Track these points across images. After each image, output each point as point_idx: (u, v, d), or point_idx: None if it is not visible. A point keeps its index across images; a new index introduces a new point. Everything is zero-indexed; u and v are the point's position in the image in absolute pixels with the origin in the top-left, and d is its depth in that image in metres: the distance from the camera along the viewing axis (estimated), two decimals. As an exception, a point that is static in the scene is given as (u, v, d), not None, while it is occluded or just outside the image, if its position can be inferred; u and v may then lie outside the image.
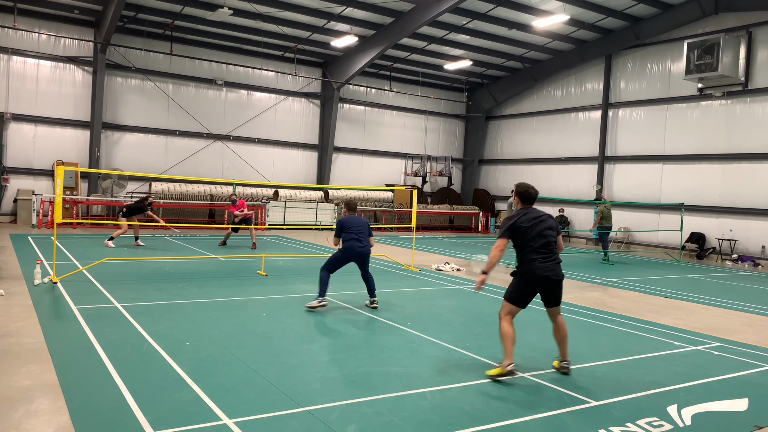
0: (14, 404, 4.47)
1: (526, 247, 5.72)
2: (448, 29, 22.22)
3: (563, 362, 5.90)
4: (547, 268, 5.70)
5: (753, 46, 18.96)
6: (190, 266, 12.04)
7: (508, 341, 5.66)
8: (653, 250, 21.24)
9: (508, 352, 5.65)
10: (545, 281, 5.73)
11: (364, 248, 8.59)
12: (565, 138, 25.52)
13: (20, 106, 20.16)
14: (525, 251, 5.73)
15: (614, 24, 22.11)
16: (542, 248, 5.71)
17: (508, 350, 5.66)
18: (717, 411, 5.08)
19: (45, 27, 20.23)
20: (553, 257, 5.78)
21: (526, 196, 5.92)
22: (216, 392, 4.87)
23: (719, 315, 9.62)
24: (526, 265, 5.73)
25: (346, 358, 6.14)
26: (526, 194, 5.92)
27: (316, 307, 8.25)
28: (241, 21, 21.14)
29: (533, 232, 5.70)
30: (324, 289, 8.37)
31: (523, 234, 5.72)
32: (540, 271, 5.67)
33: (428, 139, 29.40)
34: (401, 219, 25.53)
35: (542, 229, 5.75)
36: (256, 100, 24.66)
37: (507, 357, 5.64)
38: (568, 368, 5.87)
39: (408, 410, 4.72)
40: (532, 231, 5.70)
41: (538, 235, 5.71)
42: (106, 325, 6.93)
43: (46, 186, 20.39)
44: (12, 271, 10.35)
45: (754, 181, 18.94)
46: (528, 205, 5.93)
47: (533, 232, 5.70)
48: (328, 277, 8.46)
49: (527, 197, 5.92)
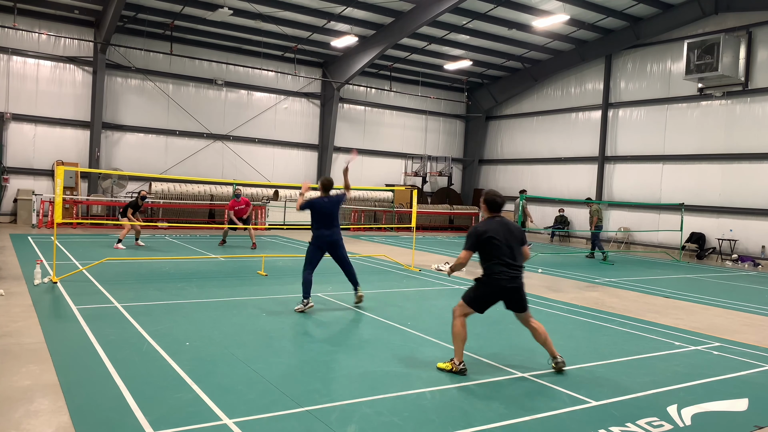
0: (14, 404, 4.47)
1: (492, 257, 5.71)
2: (448, 29, 22.22)
3: (555, 360, 5.91)
4: (512, 278, 5.71)
5: (753, 46, 18.96)
6: (190, 266, 12.05)
7: (459, 341, 5.75)
8: (653, 250, 21.23)
9: (458, 351, 5.74)
10: (508, 292, 5.75)
11: (332, 236, 8.41)
12: (565, 138, 25.52)
13: (20, 106, 20.16)
14: (491, 261, 5.72)
15: (614, 24, 22.11)
16: (508, 258, 5.70)
17: (457, 349, 5.75)
18: (717, 411, 5.08)
19: (45, 27, 20.23)
20: (516, 266, 5.76)
21: (493, 204, 5.89)
22: (216, 392, 4.87)
23: (719, 315, 9.62)
24: (490, 275, 5.74)
25: (346, 358, 6.15)
26: (493, 202, 5.89)
27: (304, 309, 8.18)
28: (241, 21, 21.14)
29: (500, 242, 5.69)
30: (307, 290, 8.25)
31: (489, 244, 5.70)
32: (505, 282, 5.69)
33: (428, 139, 29.40)
34: (401, 219, 25.53)
35: (509, 238, 5.75)
36: (256, 100, 24.66)
37: (457, 356, 5.73)
38: (563, 364, 5.89)
39: (408, 410, 4.72)
40: (499, 240, 5.69)
41: (505, 244, 5.70)
42: (106, 325, 6.93)
43: (46, 186, 20.39)
44: (12, 271, 10.35)
45: (754, 181, 18.94)
46: (495, 213, 5.91)
47: (500, 242, 5.69)
48: (310, 276, 8.31)
49: (494, 205, 5.90)
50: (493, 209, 5.90)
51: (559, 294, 10.85)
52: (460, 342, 5.75)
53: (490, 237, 5.69)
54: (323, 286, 10.14)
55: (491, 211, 5.91)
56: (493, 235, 5.69)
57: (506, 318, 8.51)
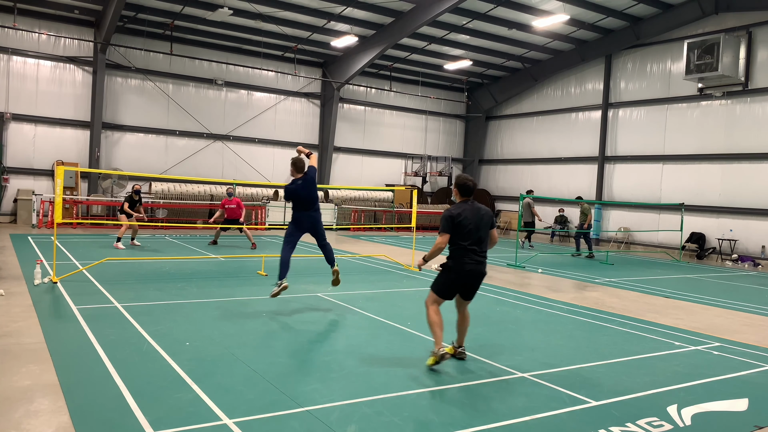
0: (14, 404, 4.47)
1: (460, 242, 5.82)
2: (448, 29, 22.22)
3: (459, 348, 6.17)
4: (476, 263, 5.84)
5: (753, 46, 18.96)
6: (190, 266, 12.05)
7: (436, 327, 5.87)
8: (653, 250, 21.23)
9: (437, 338, 5.85)
10: (471, 276, 5.89)
11: (312, 216, 8.38)
12: (565, 138, 25.52)
13: (20, 106, 20.16)
14: (459, 246, 5.83)
15: (614, 24, 22.11)
16: (475, 244, 5.84)
17: (437, 336, 5.86)
18: (717, 411, 5.08)
19: (45, 27, 20.23)
20: (482, 252, 5.91)
21: (465, 188, 5.97)
22: (216, 392, 4.87)
23: (719, 315, 9.62)
24: (455, 260, 5.86)
25: (345, 358, 6.14)
26: (465, 186, 5.97)
27: (279, 292, 8.14)
28: (241, 21, 21.14)
29: (470, 226, 5.80)
30: (284, 271, 8.21)
31: (460, 228, 5.80)
32: (470, 266, 5.82)
33: (428, 139, 29.40)
34: (401, 219, 25.54)
35: (480, 224, 5.87)
36: (256, 100, 24.66)
37: (437, 343, 5.83)
38: (462, 354, 6.16)
39: (408, 410, 4.72)
40: (469, 225, 5.80)
41: (475, 229, 5.82)
42: (106, 325, 6.93)
43: (46, 186, 20.40)
44: (12, 271, 10.35)
45: (754, 181, 18.94)
46: (466, 198, 5.99)
47: (470, 226, 5.80)
48: (288, 257, 8.28)
49: (465, 189, 5.97)
50: (465, 193, 5.98)
51: (559, 294, 10.85)
52: (437, 328, 5.85)
53: (460, 221, 5.79)
54: (323, 286, 10.14)
55: (463, 196, 5.99)
56: (463, 220, 5.79)
57: (506, 318, 8.53)
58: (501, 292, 10.77)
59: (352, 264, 13.81)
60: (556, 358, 6.50)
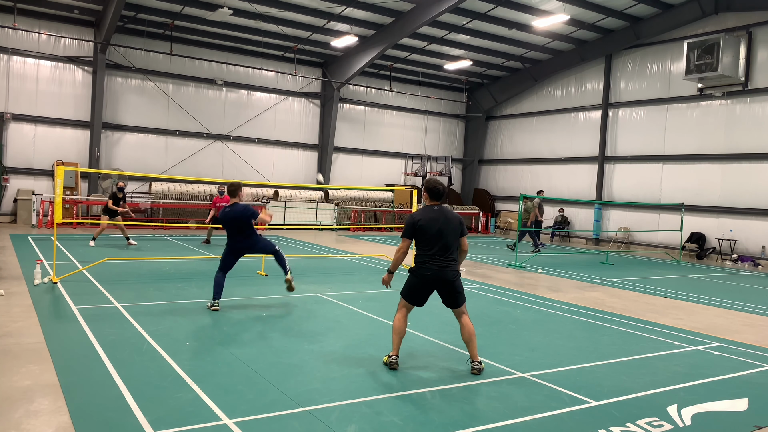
0: (14, 404, 4.47)
1: (422, 245, 5.74)
2: (448, 29, 22.22)
3: (472, 363, 5.80)
4: (439, 268, 5.67)
5: (753, 46, 18.96)
6: (189, 266, 12.05)
7: (395, 334, 5.84)
8: (653, 250, 21.23)
9: (394, 344, 5.84)
10: (435, 282, 5.72)
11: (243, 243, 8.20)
12: (565, 138, 25.52)
13: (20, 106, 20.16)
14: (421, 250, 5.76)
15: (614, 24, 22.11)
16: (439, 249, 5.68)
17: (393, 343, 5.85)
18: (717, 411, 5.08)
19: (45, 27, 20.23)
20: (448, 257, 5.71)
21: (434, 192, 5.84)
22: (216, 392, 4.87)
23: (719, 315, 9.62)
24: (418, 264, 5.77)
25: (346, 358, 6.14)
26: (434, 190, 5.84)
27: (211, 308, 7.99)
28: (241, 21, 21.14)
29: (433, 231, 5.67)
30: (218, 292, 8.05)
31: (422, 233, 5.70)
32: (429, 271, 5.67)
33: (428, 139, 29.40)
34: (401, 219, 25.53)
35: (444, 229, 5.69)
36: (256, 100, 24.66)
37: (393, 349, 5.83)
38: (478, 370, 5.73)
39: (408, 410, 4.72)
40: (432, 230, 5.67)
41: (437, 234, 5.67)
42: (106, 325, 6.93)
43: (46, 186, 20.40)
44: (12, 271, 10.35)
45: (754, 181, 18.94)
46: (435, 201, 5.86)
47: (433, 231, 5.67)
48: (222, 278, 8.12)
49: (435, 193, 5.84)
50: (434, 197, 5.85)
51: (559, 294, 10.85)
52: (395, 335, 5.83)
53: (422, 226, 5.69)
54: (323, 286, 10.14)
55: (432, 199, 5.86)
56: (425, 224, 5.68)
57: (506, 318, 8.53)
58: (501, 292, 10.77)
59: (352, 264, 13.80)
60: (556, 358, 6.50)
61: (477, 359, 5.79)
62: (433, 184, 5.85)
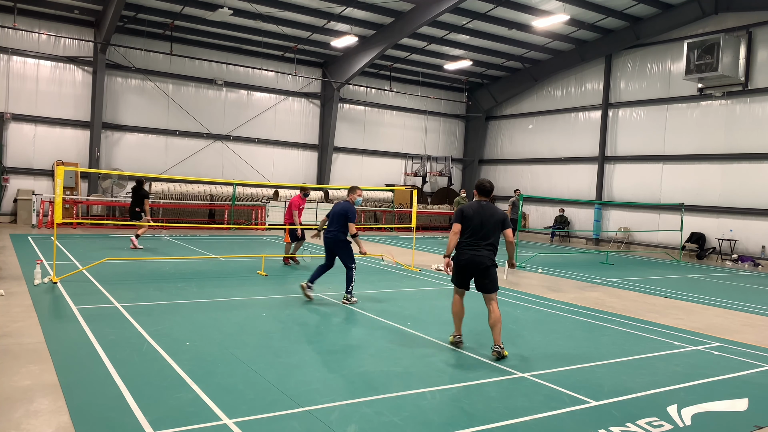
0: (14, 404, 4.47)
1: (464, 234, 6.43)
2: (448, 29, 22.22)
3: (494, 347, 6.30)
4: (474, 254, 6.36)
5: (753, 46, 18.96)
6: (190, 266, 12.05)
7: (454, 316, 6.71)
8: (653, 250, 21.23)
9: (456, 325, 6.73)
10: (470, 266, 6.41)
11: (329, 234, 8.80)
12: (565, 138, 25.51)
13: (20, 106, 20.15)
14: (463, 237, 6.45)
15: (614, 24, 22.11)
16: (478, 237, 6.37)
17: (455, 324, 6.74)
18: (717, 411, 5.08)
19: (45, 27, 20.22)
20: (485, 246, 6.37)
21: (482, 189, 6.67)
22: (216, 392, 4.87)
23: (719, 315, 9.62)
24: (458, 252, 6.50)
25: (346, 358, 6.15)
26: (482, 187, 6.69)
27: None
28: (241, 21, 21.14)
29: (476, 221, 6.38)
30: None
31: (468, 221, 6.42)
32: (464, 256, 6.41)
33: (428, 139, 29.40)
34: (401, 219, 25.53)
35: (487, 222, 6.39)
36: (256, 100, 24.66)
37: (456, 330, 6.73)
38: (499, 354, 6.24)
39: (408, 410, 4.72)
40: (475, 220, 6.38)
41: (479, 224, 6.37)
42: (106, 325, 6.93)
43: (46, 186, 20.39)
44: (12, 271, 10.35)
45: (754, 181, 18.93)
46: (483, 198, 6.63)
47: (476, 221, 6.38)
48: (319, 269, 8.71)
49: (482, 189, 6.66)
50: (482, 193, 6.66)
51: (559, 294, 10.85)
52: (455, 317, 6.69)
53: (467, 215, 6.44)
54: (323, 286, 10.13)
55: (480, 195, 6.66)
56: (469, 215, 6.43)
57: (506, 318, 8.52)
58: (501, 291, 10.71)
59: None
60: (556, 358, 6.50)
61: (499, 343, 6.30)
62: (482, 182, 6.72)
